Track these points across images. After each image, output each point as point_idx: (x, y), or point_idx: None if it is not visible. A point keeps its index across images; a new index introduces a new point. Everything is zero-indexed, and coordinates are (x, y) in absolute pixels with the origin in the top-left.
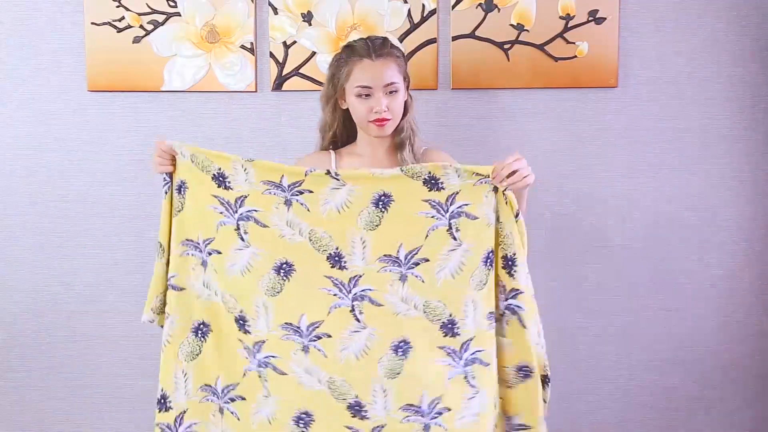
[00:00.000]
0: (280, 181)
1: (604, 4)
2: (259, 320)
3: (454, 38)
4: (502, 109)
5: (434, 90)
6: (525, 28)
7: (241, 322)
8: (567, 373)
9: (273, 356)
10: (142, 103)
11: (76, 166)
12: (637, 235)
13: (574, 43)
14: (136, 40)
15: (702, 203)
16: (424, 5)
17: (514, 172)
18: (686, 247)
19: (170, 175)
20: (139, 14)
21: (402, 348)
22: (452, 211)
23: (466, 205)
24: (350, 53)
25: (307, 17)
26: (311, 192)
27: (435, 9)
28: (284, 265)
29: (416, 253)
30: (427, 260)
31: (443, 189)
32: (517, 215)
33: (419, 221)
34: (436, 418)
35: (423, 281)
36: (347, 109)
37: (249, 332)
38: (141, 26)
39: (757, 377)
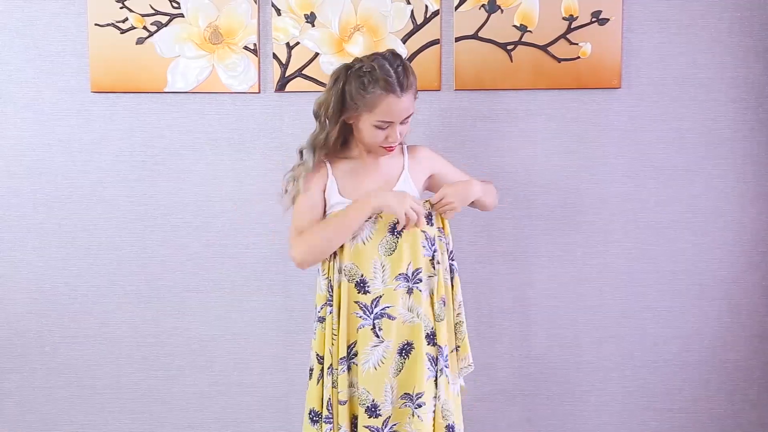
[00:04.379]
0: None
1: (608, 5)
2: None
3: (458, 39)
4: (505, 110)
5: (437, 91)
6: (528, 29)
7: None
8: (569, 374)
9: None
10: (146, 104)
11: (79, 167)
12: (640, 236)
13: (577, 44)
14: (140, 41)
15: (705, 204)
16: (427, 6)
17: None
18: (689, 248)
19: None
20: (143, 15)
21: (406, 349)
22: (434, 247)
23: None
24: (375, 83)
25: (310, 18)
26: None
27: (438, 10)
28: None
29: (419, 273)
30: (422, 281)
31: (432, 225)
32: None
33: (420, 248)
34: (417, 409)
35: (421, 293)
36: (350, 122)
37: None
38: (144, 27)
39: (760, 378)
